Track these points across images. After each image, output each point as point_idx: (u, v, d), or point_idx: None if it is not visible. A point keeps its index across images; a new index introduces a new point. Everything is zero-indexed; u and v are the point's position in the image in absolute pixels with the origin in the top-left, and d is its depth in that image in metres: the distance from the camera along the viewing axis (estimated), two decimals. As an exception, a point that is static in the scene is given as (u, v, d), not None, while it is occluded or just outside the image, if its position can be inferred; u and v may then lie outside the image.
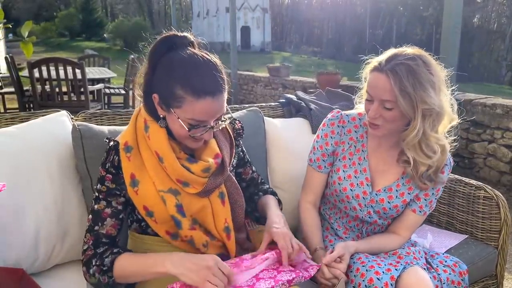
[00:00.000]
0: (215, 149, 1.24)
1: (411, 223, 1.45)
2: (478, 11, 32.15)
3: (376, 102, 1.27)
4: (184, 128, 1.10)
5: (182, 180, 1.16)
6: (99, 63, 7.84)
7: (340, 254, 1.28)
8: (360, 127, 1.47)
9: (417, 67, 1.22)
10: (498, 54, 30.59)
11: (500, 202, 1.65)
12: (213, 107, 1.08)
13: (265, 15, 37.63)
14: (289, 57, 30.09)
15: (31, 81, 4.51)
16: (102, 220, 1.16)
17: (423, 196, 1.42)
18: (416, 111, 1.23)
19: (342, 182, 1.44)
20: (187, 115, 1.08)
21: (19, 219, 1.30)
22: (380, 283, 1.20)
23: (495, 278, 1.73)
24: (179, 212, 1.14)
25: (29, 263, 1.33)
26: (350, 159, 1.46)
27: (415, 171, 1.34)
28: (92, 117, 1.64)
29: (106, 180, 1.17)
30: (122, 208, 1.19)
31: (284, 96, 2.15)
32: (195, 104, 1.06)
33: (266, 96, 8.20)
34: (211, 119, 1.10)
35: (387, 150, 1.43)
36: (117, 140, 1.19)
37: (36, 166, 1.37)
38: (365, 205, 1.43)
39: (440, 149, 1.30)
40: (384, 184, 1.43)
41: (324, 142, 1.48)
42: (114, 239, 1.18)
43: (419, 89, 1.21)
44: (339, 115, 1.48)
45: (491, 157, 3.95)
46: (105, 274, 1.11)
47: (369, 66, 1.32)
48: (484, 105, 3.94)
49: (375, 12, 35.94)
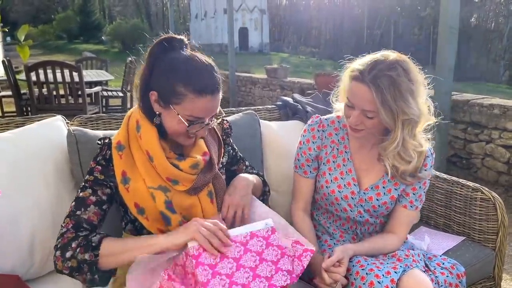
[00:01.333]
0: (203, 148, 1.28)
1: (405, 219, 1.47)
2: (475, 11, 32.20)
3: (357, 110, 1.29)
4: (182, 124, 1.13)
5: (172, 178, 1.19)
6: (97, 65, 7.84)
7: (339, 258, 1.28)
8: (340, 129, 1.50)
9: (398, 77, 1.23)
10: (496, 54, 30.64)
11: (497, 204, 1.65)
12: (211, 105, 1.14)
13: (263, 16, 37.68)
14: (287, 58, 30.14)
15: (28, 84, 4.51)
16: (86, 206, 1.14)
17: (411, 191, 1.44)
18: (397, 122, 1.26)
19: (330, 185, 1.46)
20: (186, 112, 1.12)
21: (15, 225, 1.30)
22: (381, 286, 1.20)
23: (493, 280, 1.73)
24: (168, 209, 1.16)
25: (24, 269, 1.32)
26: (334, 161, 1.48)
27: (395, 171, 1.38)
28: (87, 121, 1.64)
29: (95, 171, 1.19)
30: (107, 199, 1.18)
31: (281, 99, 2.15)
32: (195, 101, 1.11)
33: (264, 97, 8.20)
34: (208, 116, 1.16)
35: (369, 149, 1.46)
36: (110, 138, 1.23)
37: (31, 171, 1.37)
38: (354, 205, 1.45)
39: (418, 155, 1.34)
40: (370, 183, 1.45)
41: (306, 148, 1.50)
42: (95, 228, 1.15)
43: (400, 101, 1.23)
44: (318, 120, 1.51)
45: (489, 158, 3.95)
46: (92, 251, 1.07)
47: (349, 72, 1.31)
48: (482, 105, 3.94)
49: (373, 13, 35.99)
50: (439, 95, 3.88)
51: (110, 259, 1.09)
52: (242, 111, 1.87)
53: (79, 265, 1.07)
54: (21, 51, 2.26)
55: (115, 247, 1.09)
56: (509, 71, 28.12)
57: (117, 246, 1.10)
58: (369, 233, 1.52)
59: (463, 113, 4.09)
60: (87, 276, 1.08)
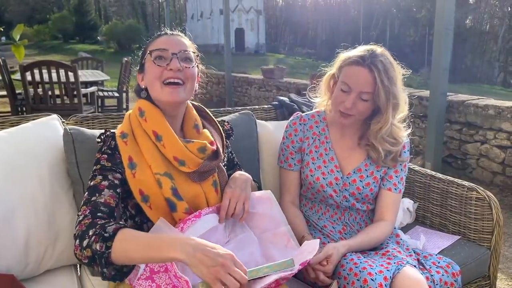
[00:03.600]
0: (209, 137, 1.31)
1: (392, 203, 1.53)
2: (470, 13, 32.37)
3: (353, 94, 1.39)
4: (153, 67, 1.20)
5: (179, 158, 1.20)
6: (93, 65, 7.81)
7: (328, 255, 1.29)
8: (320, 122, 1.60)
9: (388, 64, 1.39)
10: (491, 55, 30.82)
11: (492, 203, 1.66)
12: (171, 39, 1.24)
13: (259, 17, 37.70)
14: (283, 58, 30.17)
15: (24, 84, 4.48)
16: (100, 191, 1.11)
17: (394, 174, 1.53)
18: (389, 104, 1.39)
19: (314, 173, 1.54)
20: (152, 50, 1.21)
21: (9, 224, 1.29)
22: (374, 284, 1.21)
23: (488, 279, 1.73)
24: (175, 195, 1.17)
25: (19, 268, 1.31)
26: (316, 151, 1.57)
27: (376, 155, 1.48)
28: (83, 120, 1.63)
29: (101, 160, 1.19)
30: (119, 183, 1.16)
31: (277, 99, 2.15)
32: (155, 41, 1.25)
33: (260, 98, 8.20)
34: (172, 48, 1.21)
35: (349, 137, 1.56)
36: (112, 131, 1.26)
37: (26, 170, 1.36)
38: (339, 190, 1.53)
39: (401, 139, 1.47)
40: (353, 167, 1.54)
41: (289, 141, 1.60)
42: (113, 211, 1.09)
43: (392, 84, 1.37)
44: (299, 115, 1.62)
45: (484, 158, 3.97)
46: (104, 242, 0.98)
47: (345, 60, 1.43)
48: (477, 106, 3.96)
49: (368, 14, 36.12)
50: (434, 96, 3.91)
51: (121, 256, 0.99)
52: (238, 111, 1.87)
53: (93, 255, 1.00)
54: (16, 51, 2.25)
55: (127, 245, 0.98)
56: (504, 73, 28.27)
57: (130, 243, 0.99)
58: (357, 222, 1.56)
59: (459, 114, 4.11)
60: (99, 268, 1.01)
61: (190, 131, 1.30)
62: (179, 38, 1.26)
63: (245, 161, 1.56)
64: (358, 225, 1.56)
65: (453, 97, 4.23)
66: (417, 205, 1.95)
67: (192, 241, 0.96)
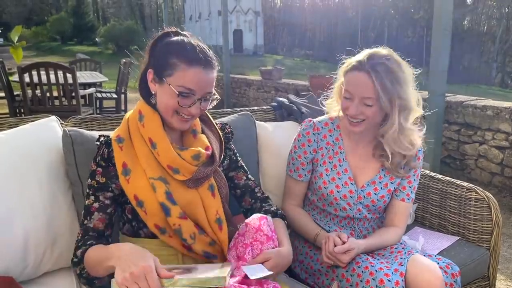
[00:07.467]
0: (206, 142, 1.29)
1: (404, 212, 1.53)
2: (468, 14, 32.45)
3: (356, 100, 1.36)
4: (174, 97, 1.15)
5: (173, 166, 1.20)
6: (91, 67, 7.81)
7: (351, 248, 1.31)
8: (334, 130, 1.55)
9: (392, 65, 1.35)
10: (489, 56, 30.90)
11: (491, 204, 1.66)
12: (202, 77, 1.16)
13: (257, 18, 37.72)
14: (281, 60, 30.18)
15: (22, 86, 4.47)
16: (90, 214, 1.20)
17: (407, 184, 1.52)
18: (394, 106, 1.35)
19: (328, 186, 1.49)
20: (178, 82, 1.15)
21: (8, 226, 1.28)
22: (391, 284, 1.23)
23: (487, 280, 1.74)
24: (169, 199, 1.17)
25: (18, 271, 1.31)
26: (330, 162, 1.52)
27: (392, 164, 1.45)
28: (82, 122, 1.63)
29: (97, 174, 1.22)
30: (110, 202, 1.22)
31: (276, 100, 2.15)
32: (186, 71, 1.14)
33: (258, 99, 8.20)
34: (200, 90, 1.17)
35: (363, 147, 1.52)
36: (107, 135, 1.26)
37: (24, 172, 1.36)
38: (353, 203, 1.49)
39: (416, 141, 1.44)
40: (367, 179, 1.51)
41: (302, 152, 1.54)
42: (101, 233, 1.20)
43: (396, 85, 1.34)
44: (311, 123, 1.55)
45: (482, 159, 3.98)
46: (77, 266, 1.15)
47: (346, 67, 1.41)
48: (475, 106, 3.96)
49: (366, 15, 36.18)
50: (433, 97, 3.91)
51: (93, 272, 1.12)
52: (237, 112, 1.87)
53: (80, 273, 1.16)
54: (14, 53, 2.25)
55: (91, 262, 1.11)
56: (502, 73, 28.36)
57: (92, 259, 1.11)
58: (365, 227, 1.56)
59: (457, 115, 4.12)
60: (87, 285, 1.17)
61: (188, 136, 1.30)
62: (211, 76, 1.18)
63: (244, 162, 1.55)
64: (366, 230, 1.56)
65: (452, 97, 4.24)
66: (416, 206, 1.95)
67: (127, 246, 1.05)
